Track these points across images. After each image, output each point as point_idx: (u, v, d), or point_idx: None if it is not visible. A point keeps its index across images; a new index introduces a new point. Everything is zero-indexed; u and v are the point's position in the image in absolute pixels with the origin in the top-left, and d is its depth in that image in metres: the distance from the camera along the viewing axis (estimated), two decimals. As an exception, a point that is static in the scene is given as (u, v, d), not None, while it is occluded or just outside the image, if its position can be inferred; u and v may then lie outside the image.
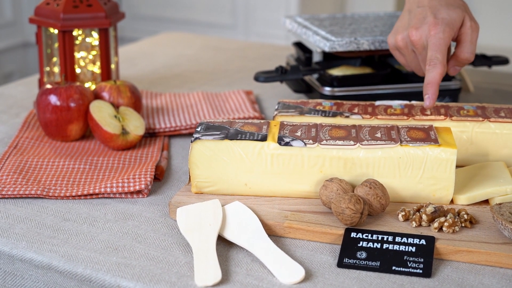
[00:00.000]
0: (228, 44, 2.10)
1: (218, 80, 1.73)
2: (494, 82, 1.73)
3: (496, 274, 0.91)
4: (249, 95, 1.56)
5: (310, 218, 1.00)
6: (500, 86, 1.70)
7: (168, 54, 1.96)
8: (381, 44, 1.37)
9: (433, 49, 1.16)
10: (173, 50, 2.01)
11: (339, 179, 1.02)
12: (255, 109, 1.46)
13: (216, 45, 2.08)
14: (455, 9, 1.19)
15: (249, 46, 2.08)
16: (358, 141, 1.04)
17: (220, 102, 1.50)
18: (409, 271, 0.90)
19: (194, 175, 1.07)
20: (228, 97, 1.53)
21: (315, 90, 1.41)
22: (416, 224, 0.98)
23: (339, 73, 1.40)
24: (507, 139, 1.15)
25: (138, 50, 2.01)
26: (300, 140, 1.04)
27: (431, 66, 1.16)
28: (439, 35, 1.16)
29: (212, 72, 1.79)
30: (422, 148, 1.02)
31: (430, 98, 1.15)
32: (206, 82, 1.71)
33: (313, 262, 0.93)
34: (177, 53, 1.97)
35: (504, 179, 1.06)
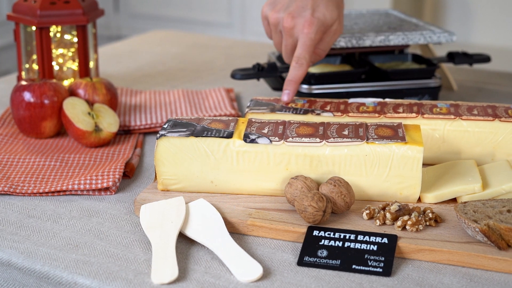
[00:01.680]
0: (215, 42, 2.10)
1: (202, 78, 1.72)
2: (478, 81, 1.71)
3: (457, 274, 0.90)
4: (230, 92, 1.56)
5: (274, 216, 1.00)
6: (484, 85, 1.68)
7: (154, 52, 1.95)
8: (358, 42, 1.36)
9: (302, 48, 1.20)
10: (159, 48, 2.00)
11: (304, 177, 1.01)
12: (233, 107, 1.45)
13: (204, 43, 2.07)
14: (332, 9, 1.22)
15: (237, 44, 2.07)
16: (325, 138, 1.03)
17: (199, 100, 1.50)
18: (369, 269, 0.89)
19: (160, 172, 1.06)
20: (208, 95, 1.53)
21: (293, 88, 1.40)
22: (380, 223, 0.97)
23: (317, 70, 1.39)
24: (479, 137, 1.14)
25: (124, 48, 2.00)
26: (266, 137, 1.03)
27: (298, 65, 1.20)
28: (311, 36, 1.20)
29: (197, 70, 1.78)
30: (389, 146, 1.01)
31: (290, 94, 1.21)
32: (189, 80, 1.71)
33: (274, 260, 0.92)
34: (163, 51, 1.97)
35: (472, 177, 1.04)
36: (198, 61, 1.87)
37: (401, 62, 1.48)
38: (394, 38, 1.38)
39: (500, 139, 1.13)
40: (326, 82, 1.37)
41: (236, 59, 1.88)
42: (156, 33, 2.22)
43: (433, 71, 1.41)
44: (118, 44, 2.06)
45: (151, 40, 2.10)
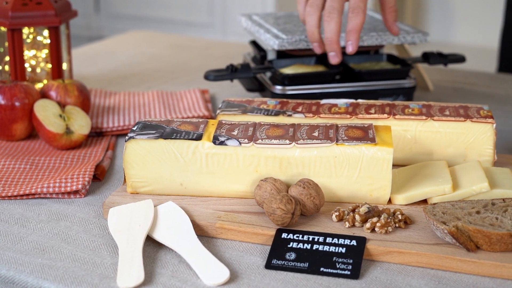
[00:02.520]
0: (193, 42, 2.09)
1: (178, 79, 1.71)
2: (455, 81, 1.71)
3: (426, 276, 0.89)
4: (204, 94, 1.55)
5: (243, 218, 0.99)
6: (461, 85, 1.68)
7: (131, 53, 1.94)
8: (331, 42, 1.35)
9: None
10: (136, 49, 1.99)
11: (273, 179, 1.00)
12: (208, 108, 1.44)
13: (181, 44, 2.06)
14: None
15: (214, 45, 2.06)
16: (294, 140, 1.02)
17: (173, 101, 1.49)
18: (337, 272, 0.89)
19: (129, 175, 1.05)
20: (183, 96, 1.52)
21: (267, 89, 1.39)
22: (349, 225, 0.96)
23: (291, 71, 1.39)
24: (451, 138, 1.13)
25: (100, 49, 1.99)
26: (236, 139, 1.02)
27: (354, 14, 1.23)
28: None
29: (173, 71, 1.78)
30: (358, 147, 1.01)
31: (353, 44, 1.23)
32: (165, 81, 1.70)
33: (242, 263, 0.92)
34: (139, 52, 1.96)
35: (443, 178, 1.04)
36: (175, 62, 1.86)
37: (376, 62, 1.48)
38: (368, 38, 1.37)
39: (472, 140, 1.13)
40: (300, 83, 1.36)
41: (213, 60, 1.87)
42: (134, 33, 2.21)
43: (408, 72, 1.40)
44: (94, 45, 2.04)
45: (128, 41, 2.09)
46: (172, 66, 1.82)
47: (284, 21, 1.50)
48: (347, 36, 1.25)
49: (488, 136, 1.13)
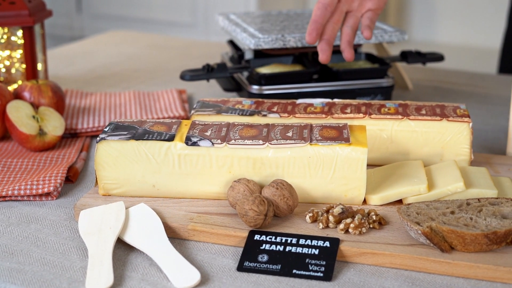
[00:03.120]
0: (173, 42, 2.07)
1: (155, 79, 1.69)
2: (434, 80, 1.71)
3: (400, 277, 0.88)
4: (182, 94, 1.53)
5: (216, 220, 0.97)
6: (440, 84, 1.68)
7: (109, 53, 1.93)
8: (308, 41, 1.34)
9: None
10: (114, 49, 1.97)
11: (247, 180, 0.99)
12: (184, 109, 1.43)
13: (160, 44, 2.05)
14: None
15: (194, 45, 2.05)
16: (268, 140, 1.01)
17: (150, 102, 1.47)
18: (310, 274, 0.87)
19: (100, 176, 1.03)
20: (160, 96, 1.50)
21: (244, 89, 1.38)
22: (323, 226, 0.95)
23: (268, 71, 1.37)
24: (427, 138, 1.12)
25: (78, 49, 1.97)
26: (209, 140, 1.01)
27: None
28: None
29: (151, 71, 1.76)
30: (332, 147, 1.00)
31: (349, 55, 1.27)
32: (143, 81, 1.68)
33: (214, 265, 0.90)
34: (118, 52, 1.94)
35: (418, 178, 1.03)
36: (154, 62, 1.85)
37: (354, 61, 1.47)
38: (345, 37, 1.36)
39: (448, 139, 1.12)
40: (277, 83, 1.35)
41: (192, 59, 1.86)
42: (113, 34, 2.19)
43: (386, 71, 1.39)
44: (73, 46, 2.02)
45: (107, 41, 2.07)
46: (151, 66, 1.80)
47: (262, 20, 1.48)
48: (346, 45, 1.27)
49: (464, 136, 1.12)
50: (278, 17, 1.52)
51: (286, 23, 1.45)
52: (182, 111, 1.40)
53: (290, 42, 1.34)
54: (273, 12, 1.58)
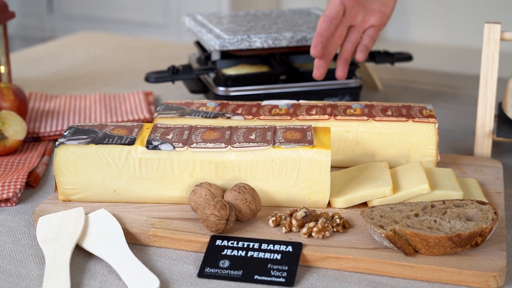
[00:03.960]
0: (141, 43, 2.05)
1: (123, 81, 1.67)
2: (404, 79, 1.70)
3: (363, 281, 0.87)
4: (148, 96, 1.51)
5: (178, 225, 0.96)
6: (410, 84, 1.67)
7: (76, 55, 1.90)
8: (274, 42, 1.33)
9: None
10: (82, 51, 1.95)
11: (209, 184, 0.97)
12: (150, 111, 1.41)
13: (129, 45, 2.02)
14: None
15: (163, 46, 2.03)
16: (230, 143, 0.99)
17: (116, 104, 1.45)
18: (272, 280, 0.86)
19: (60, 182, 1.01)
20: (126, 99, 1.48)
21: (210, 90, 1.36)
22: (286, 230, 0.94)
23: (234, 72, 1.36)
24: (393, 139, 1.11)
25: (45, 51, 1.94)
26: (170, 143, 0.99)
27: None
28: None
29: (118, 73, 1.74)
30: (295, 150, 0.98)
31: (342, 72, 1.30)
32: (109, 83, 1.66)
33: (174, 272, 0.88)
34: (85, 54, 1.91)
35: (383, 180, 1.02)
36: (121, 63, 1.82)
37: (322, 62, 1.45)
38: (312, 37, 1.35)
39: (415, 140, 1.11)
40: (243, 84, 1.33)
41: (160, 61, 1.83)
42: (81, 35, 2.16)
43: (353, 71, 1.38)
44: (39, 47, 1.99)
45: (75, 43, 2.05)
46: (118, 68, 1.78)
47: (228, 21, 1.47)
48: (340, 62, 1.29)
49: (430, 136, 1.11)
50: (245, 17, 1.51)
51: (253, 23, 1.44)
52: (147, 113, 1.38)
53: (256, 43, 1.32)
54: (241, 12, 1.56)
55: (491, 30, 1.18)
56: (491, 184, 1.09)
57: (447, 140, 1.32)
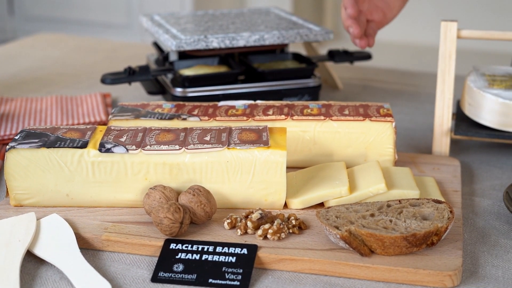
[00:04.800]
0: (100, 44, 2.02)
1: (81, 83, 1.65)
2: (365, 78, 1.69)
3: (319, 283, 0.86)
4: (106, 98, 1.49)
5: (132, 229, 0.94)
6: (370, 82, 1.66)
7: (34, 57, 1.87)
8: (232, 42, 1.32)
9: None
10: (40, 53, 1.92)
11: (163, 187, 0.96)
12: (108, 113, 1.39)
13: (89, 46, 2.00)
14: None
15: (124, 47, 2.00)
16: (185, 145, 0.98)
17: (72, 107, 1.43)
18: (226, 283, 0.85)
19: (11, 187, 0.99)
20: (83, 101, 1.46)
21: (168, 92, 1.35)
22: (241, 232, 0.92)
23: (192, 72, 1.34)
24: (350, 138, 1.11)
25: (2, 53, 1.91)
26: (123, 146, 0.98)
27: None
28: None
29: (77, 75, 1.71)
30: (251, 151, 0.97)
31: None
32: (67, 85, 1.63)
33: (127, 277, 0.87)
34: (43, 55, 1.88)
35: (340, 180, 1.01)
36: (79, 65, 1.80)
37: (281, 61, 1.45)
38: (270, 37, 1.34)
39: (372, 140, 1.10)
40: (201, 84, 1.32)
41: (120, 62, 1.81)
42: (40, 36, 2.13)
43: (312, 70, 1.37)
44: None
45: (33, 44, 2.02)
46: (77, 70, 1.75)
47: (186, 21, 1.45)
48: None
49: (388, 135, 1.10)
50: (203, 17, 1.49)
51: (210, 23, 1.42)
52: (105, 115, 1.36)
53: (213, 43, 1.31)
54: (199, 12, 1.55)
55: (448, 28, 1.17)
56: (448, 183, 1.09)
57: (406, 139, 1.32)
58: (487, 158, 1.23)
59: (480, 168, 1.19)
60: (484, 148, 1.27)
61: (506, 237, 0.97)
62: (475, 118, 1.20)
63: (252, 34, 1.33)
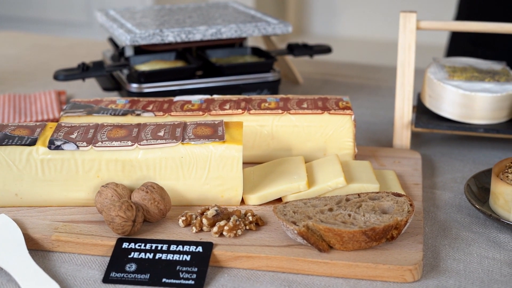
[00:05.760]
0: (57, 42, 1.98)
1: (36, 81, 1.61)
2: (326, 73, 1.67)
3: (276, 280, 0.83)
4: (61, 95, 1.45)
5: (83, 228, 0.91)
6: (332, 77, 1.64)
7: (-12, 55, 1.82)
8: (188, 36, 1.29)
9: None
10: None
11: (115, 184, 0.93)
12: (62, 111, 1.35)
13: (46, 44, 1.95)
14: None
15: (81, 44, 1.96)
16: (137, 141, 0.94)
17: (26, 104, 1.39)
18: (180, 283, 0.82)
19: (-43, 187, 0.95)
20: (37, 99, 1.42)
21: (123, 88, 1.31)
22: (196, 230, 0.90)
23: (147, 68, 1.31)
24: (309, 132, 1.08)
25: (-45, 52, 1.86)
26: (73, 143, 0.94)
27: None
28: None
29: (31, 73, 1.67)
30: (206, 146, 0.94)
31: None
32: (21, 83, 1.59)
33: (78, 278, 0.84)
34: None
35: (298, 175, 0.98)
36: (35, 63, 1.75)
37: (240, 56, 1.42)
38: (227, 31, 1.31)
39: (331, 133, 1.08)
40: (157, 80, 1.28)
41: (76, 59, 1.76)
42: (-5, 35, 2.09)
43: (271, 65, 1.35)
44: (-51, 48, 1.91)
45: (-12, 43, 1.97)
46: (31, 68, 1.71)
47: (142, 16, 1.42)
48: None
49: (347, 128, 1.08)
50: (159, 12, 1.46)
51: (166, 18, 1.39)
52: (58, 113, 1.32)
53: (169, 37, 1.28)
54: (156, 7, 1.52)
55: (407, 19, 1.16)
56: (409, 176, 1.07)
57: (367, 133, 1.30)
58: (448, 150, 1.21)
59: (442, 161, 1.17)
60: (446, 141, 1.25)
61: (468, 230, 0.95)
62: (436, 110, 1.18)
63: (209, 27, 1.30)
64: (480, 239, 0.93)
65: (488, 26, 1.15)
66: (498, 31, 1.14)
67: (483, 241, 0.92)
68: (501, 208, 0.94)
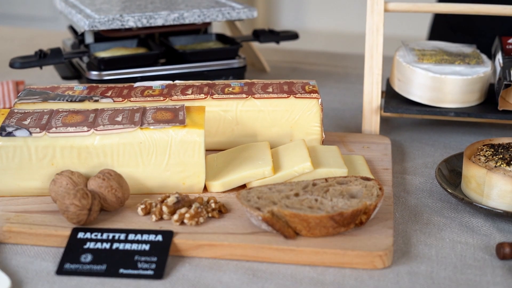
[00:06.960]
0: (17, 33, 1.93)
1: (-7, 72, 1.55)
2: (293, 61, 1.63)
3: (240, 269, 0.79)
4: (19, 85, 1.40)
5: (36, 219, 0.86)
6: (299, 65, 1.61)
7: None
8: (149, 21, 1.24)
9: None
10: (-48, 43, 1.81)
11: (70, 172, 0.88)
12: (19, 100, 1.29)
13: (5, 35, 1.90)
14: None
15: (41, 35, 1.91)
16: (94, 126, 0.90)
17: (-18, 95, 1.34)
18: (139, 273, 0.78)
19: None
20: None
21: (83, 76, 1.26)
22: (156, 218, 0.85)
23: (108, 54, 1.26)
24: (274, 117, 1.04)
25: None
26: (26, 129, 0.89)
27: None
28: None
29: (-11, 63, 1.61)
30: (165, 131, 0.90)
31: None
32: (-22, 74, 1.53)
33: (30, 270, 0.79)
34: (-46, 45, 1.78)
35: (263, 160, 0.94)
36: (-6, 54, 1.70)
37: (204, 42, 1.38)
38: (190, 15, 1.26)
39: (297, 118, 1.04)
40: (118, 67, 1.24)
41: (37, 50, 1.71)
42: (-47, 27, 2.02)
43: (236, 51, 1.31)
44: None
45: None
46: (-10, 59, 1.65)
47: (102, 1, 1.37)
48: None
49: (314, 113, 1.04)
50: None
51: (128, 3, 1.34)
52: (15, 102, 1.27)
53: (129, 22, 1.23)
54: (117, -7, 1.47)
55: (375, 1, 1.12)
56: (378, 161, 1.03)
57: (336, 119, 1.27)
58: (418, 136, 1.18)
59: (412, 146, 1.14)
60: (416, 126, 1.22)
61: (439, 214, 0.92)
62: (405, 94, 1.15)
63: (171, 12, 1.26)
64: (453, 224, 0.90)
65: (457, 8, 1.12)
66: (468, 11, 1.11)
67: (456, 225, 0.89)
68: (473, 192, 0.91)
